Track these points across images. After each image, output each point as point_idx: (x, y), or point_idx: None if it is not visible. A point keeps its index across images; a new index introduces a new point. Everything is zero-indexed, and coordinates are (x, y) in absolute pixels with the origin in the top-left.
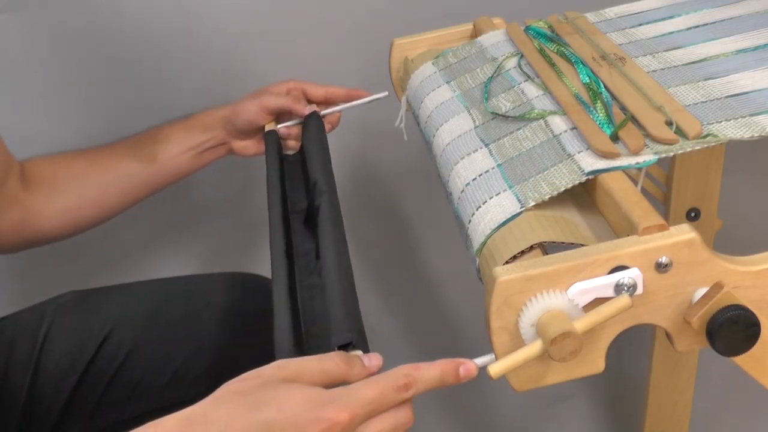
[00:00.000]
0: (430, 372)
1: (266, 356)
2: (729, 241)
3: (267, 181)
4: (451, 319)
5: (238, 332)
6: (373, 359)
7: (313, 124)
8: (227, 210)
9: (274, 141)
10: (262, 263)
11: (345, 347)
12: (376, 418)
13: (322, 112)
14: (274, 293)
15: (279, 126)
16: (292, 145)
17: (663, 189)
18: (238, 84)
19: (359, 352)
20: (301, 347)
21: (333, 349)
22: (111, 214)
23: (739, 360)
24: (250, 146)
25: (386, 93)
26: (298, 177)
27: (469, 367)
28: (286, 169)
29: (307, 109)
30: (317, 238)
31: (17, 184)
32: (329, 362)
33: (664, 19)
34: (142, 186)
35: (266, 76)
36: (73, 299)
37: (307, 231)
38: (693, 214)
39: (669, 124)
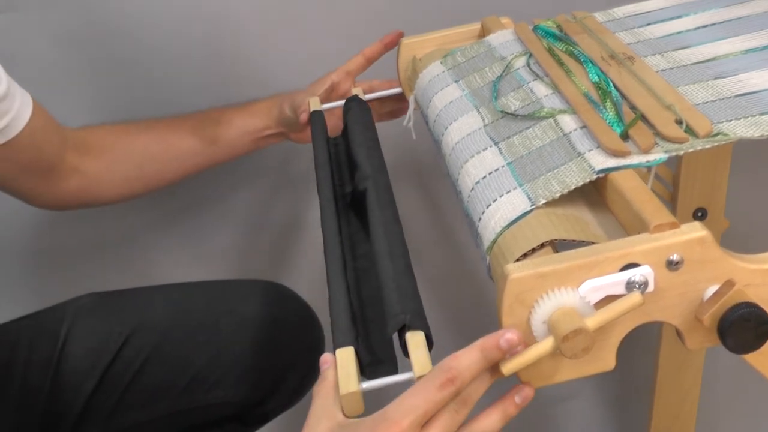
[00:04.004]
0: (470, 356)
1: (283, 363)
2: (735, 241)
3: (315, 162)
4: (459, 317)
5: (256, 340)
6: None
7: (354, 107)
8: (250, 216)
9: (320, 122)
10: (282, 271)
11: (402, 330)
12: (431, 423)
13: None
14: (329, 275)
15: (324, 107)
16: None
17: (670, 188)
18: (238, 84)
19: (420, 333)
20: (356, 329)
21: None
22: (168, 184)
23: (750, 358)
24: (307, 136)
25: (400, 89)
26: (342, 161)
27: (509, 337)
28: (332, 152)
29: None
30: (366, 222)
31: (75, 155)
32: None
33: (672, 18)
34: (200, 162)
35: (269, 76)
36: (94, 301)
37: (353, 215)
38: (700, 214)
39: (679, 122)
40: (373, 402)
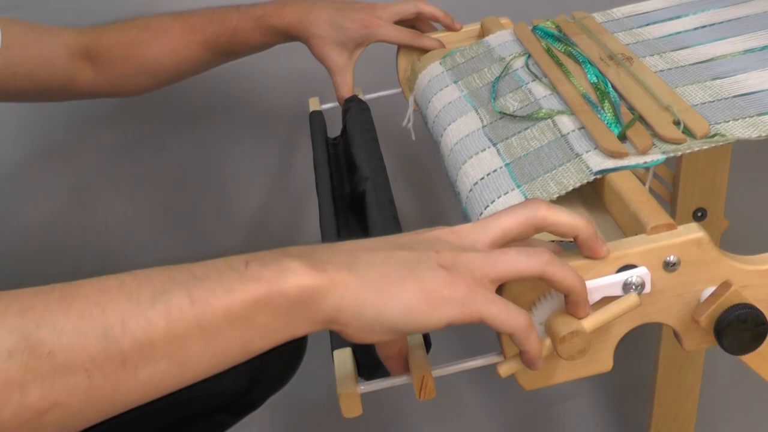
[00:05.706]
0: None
1: (268, 350)
2: (735, 241)
3: (314, 162)
4: None
5: None
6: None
7: (354, 108)
8: (248, 217)
9: (319, 122)
10: None
11: None
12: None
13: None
14: None
15: (323, 107)
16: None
17: (670, 189)
18: (237, 83)
19: (418, 334)
20: None
21: None
22: (181, 80)
23: (747, 359)
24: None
25: (400, 89)
26: (341, 161)
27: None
28: (331, 152)
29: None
30: (365, 223)
31: (83, 64)
32: None
33: (671, 19)
34: (211, 67)
35: (266, 75)
36: None
37: (352, 216)
38: (699, 214)
39: (677, 123)
40: (373, 402)
